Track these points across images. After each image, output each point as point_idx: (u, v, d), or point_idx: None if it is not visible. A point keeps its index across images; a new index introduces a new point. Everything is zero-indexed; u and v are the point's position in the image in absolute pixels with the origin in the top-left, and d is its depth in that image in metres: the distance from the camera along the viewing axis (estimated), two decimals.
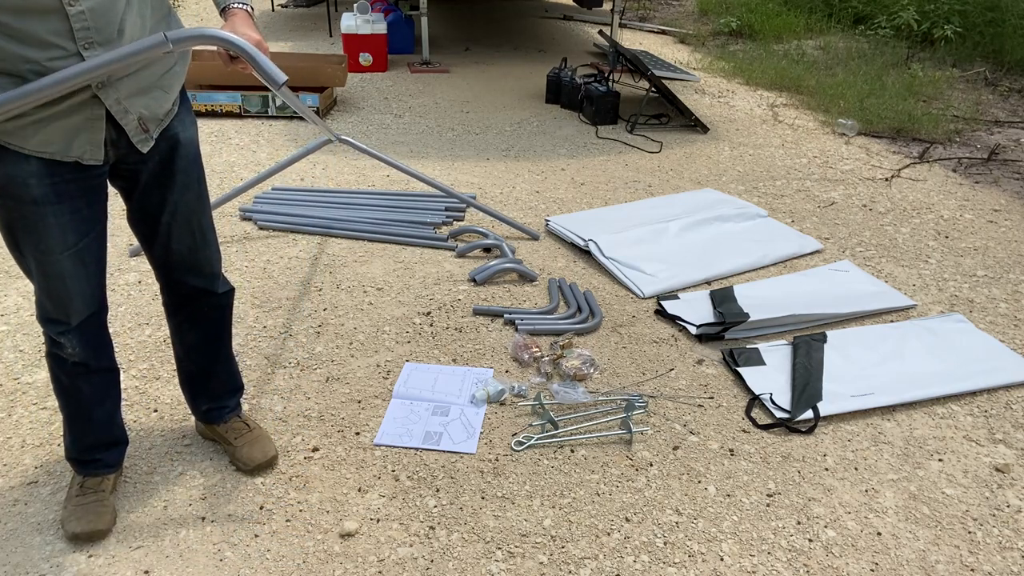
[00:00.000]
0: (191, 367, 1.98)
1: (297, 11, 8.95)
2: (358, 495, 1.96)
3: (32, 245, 1.52)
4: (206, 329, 1.93)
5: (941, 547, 1.87)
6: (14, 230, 1.52)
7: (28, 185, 1.45)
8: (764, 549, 1.85)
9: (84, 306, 1.64)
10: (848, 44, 7.59)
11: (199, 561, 1.76)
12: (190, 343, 1.94)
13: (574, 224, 3.46)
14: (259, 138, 4.58)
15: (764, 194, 4.06)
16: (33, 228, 1.50)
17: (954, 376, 2.49)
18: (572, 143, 4.79)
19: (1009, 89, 6.29)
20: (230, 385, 2.05)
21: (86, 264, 1.59)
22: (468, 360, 2.55)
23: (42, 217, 1.49)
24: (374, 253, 3.24)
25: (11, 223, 1.51)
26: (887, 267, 3.29)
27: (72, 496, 1.84)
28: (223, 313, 1.94)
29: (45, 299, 1.62)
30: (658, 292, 2.98)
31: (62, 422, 1.82)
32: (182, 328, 1.91)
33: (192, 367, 1.98)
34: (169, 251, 1.75)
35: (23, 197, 1.46)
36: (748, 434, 2.24)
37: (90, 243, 1.58)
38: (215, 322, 1.93)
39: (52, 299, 1.61)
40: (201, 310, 1.88)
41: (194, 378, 2.00)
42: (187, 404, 2.10)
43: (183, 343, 1.94)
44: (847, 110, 5.53)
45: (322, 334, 2.65)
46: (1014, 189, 4.27)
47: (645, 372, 2.51)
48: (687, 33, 8.46)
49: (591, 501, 1.97)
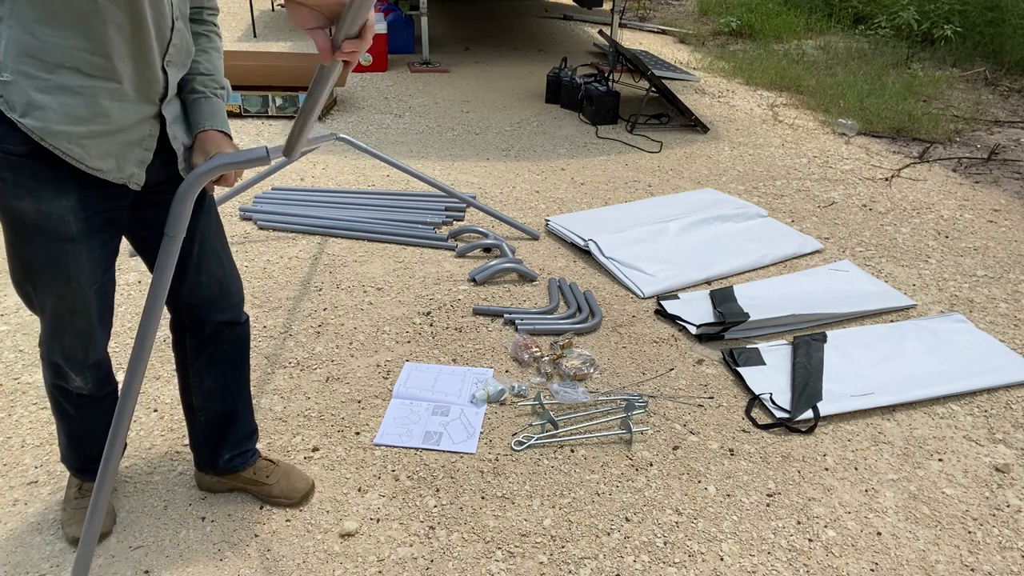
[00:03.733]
0: (211, 415, 1.81)
1: None
2: (358, 495, 1.96)
3: (59, 283, 1.43)
4: (227, 367, 1.78)
5: (941, 547, 1.87)
6: (34, 268, 1.42)
7: (66, 222, 1.37)
8: (764, 549, 1.85)
9: (103, 340, 1.58)
10: (848, 44, 7.59)
11: (199, 561, 1.75)
12: (209, 387, 1.78)
13: (574, 224, 3.46)
14: (259, 138, 4.58)
15: (764, 194, 4.06)
16: (63, 266, 1.41)
17: (954, 376, 2.49)
18: (572, 143, 4.79)
19: (1009, 89, 6.29)
20: (251, 426, 1.90)
21: (107, 296, 1.53)
22: (468, 360, 2.55)
23: (76, 255, 1.41)
24: (374, 253, 3.24)
25: (33, 260, 1.41)
26: (887, 267, 3.29)
27: (71, 499, 1.82)
28: (245, 345, 1.80)
29: (63, 337, 1.52)
30: (658, 292, 2.98)
31: (57, 431, 1.77)
32: (201, 373, 1.76)
33: (212, 414, 1.81)
34: (198, 286, 1.63)
35: (58, 234, 1.38)
36: (748, 434, 2.24)
37: (112, 275, 1.52)
38: (237, 357, 1.78)
39: (73, 336, 1.52)
40: (222, 348, 1.74)
41: (215, 426, 1.83)
42: (201, 462, 1.90)
43: (202, 389, 1.78)
44: (847, 110, 5.53)
45: (322, 334, 2.65)
46: (1014, 189, 4.27)
47: (645, 372, 2.51)
48: (687, 33, 8.46)
49: (591, 501, 1.97)
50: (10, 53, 1.24)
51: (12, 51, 1.24)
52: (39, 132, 1.28)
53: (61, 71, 1.26)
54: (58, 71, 1.26)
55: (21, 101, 1.26)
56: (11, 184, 1.32)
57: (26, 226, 1.37)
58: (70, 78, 1.27)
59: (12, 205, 1.34)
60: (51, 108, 1.27)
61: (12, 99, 1.26)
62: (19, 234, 1.39)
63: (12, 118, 1.26)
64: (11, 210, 1.35)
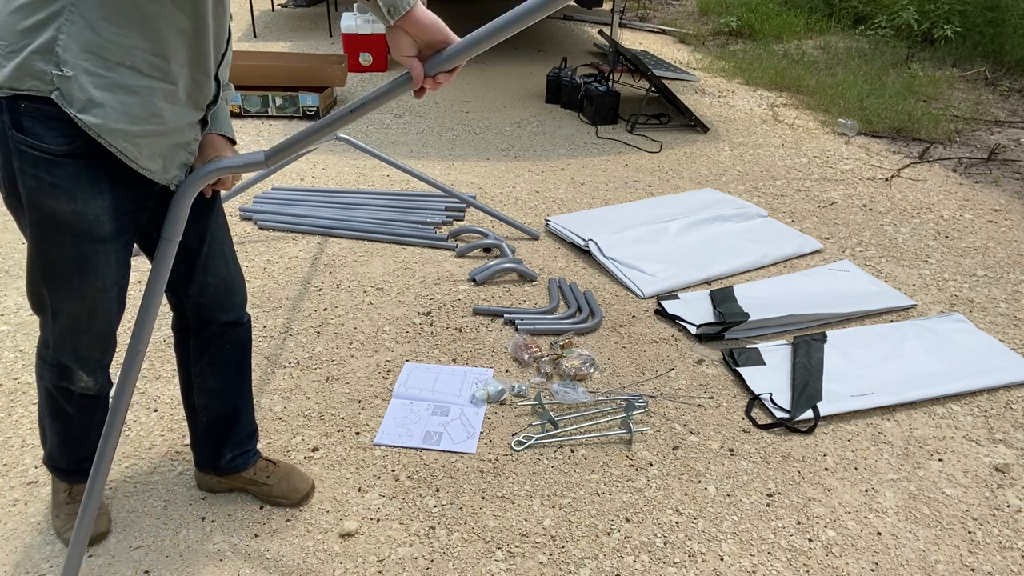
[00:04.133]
0: (212, 415, 1.82)
1: (297, 11, 8.95)
2: (358, 495, 1.96)
3: (84, 284, 1.42)
4: (230, 367, 1.78)
5: (941, 547, 1.87)
6: (58, 269, 1.40)
7: (100, 222, 1.37)
8: (764, 549, 1.85)
9: (115, 340, 1.58)
10: (848, 44, 7.59)
11: (199, 561, 1.75)
12: (212, 387, 1.78)
13: (574, 224, 3.46)
14: (259, 138, 4.58)
15: (764, 194, 4.06)
16: (91, 266, 1.41)
17: (954, 376, 2.49)
18: (572, 143, 4.79)
19: (1009, 89, 6.29)
20: (252, 425, 1.91)
21: (124, 295, 1.53)
22: (468, 360, 2.55)
23: (106, 255, 1.41)
24: (374, 253, 3.24)
25: (57, 262, 1.40)
26: (887, 267, 3.29)
27: (62, 504, 1.79)
28: (247, 346, 1.81)
29: (79, 338, 1.51)
30: (658, 292, 2.98)
31: (46, 434, 1.72)
32: (204, 373, 1.76)
33: (214, 414, 1.82)
34: (205, 286, 1.65)
35: (91, 235, 1.37)
36: (748, 434, 2.24)
37: (129, 274, 1.52)
38: (239, 358, 1.79)
39: (91, 337, 1.51)
40: (225, 348, 1.75)
41: (217, 426, 1.84)
42: (202, 462, 1.91)
43: (205, 389, 1.78)
44: (847, 110, 5.53)
45: (322, 334, 2.65)
46: (1014, 189, 4.27)
47: (645, 372, 2.51)
48: (687, 33, 8.46)
49: (591, 501, 1.97)
50: (71, 49, 1.23)
51: (74, 46, 1.23)
52: (97, 129, 1.28)
53: (121, 69, 1.27)
54: (118, 69, 1.26)
55: (81, 97, 1.25)
56: (47, 184, 1.31)
57: (58, 226, 1.36)
58: (129, 77, 1.28)
59: (47, 205, 1.33)
60: (110, 106, 1.27)
61: (72, 94, 1.25)
62: (48, 234, 1.37)
63: (69, 112, 1.25)
64: (45, 210, 1.34)
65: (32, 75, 1.24)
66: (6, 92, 1.24)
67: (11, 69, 1.24)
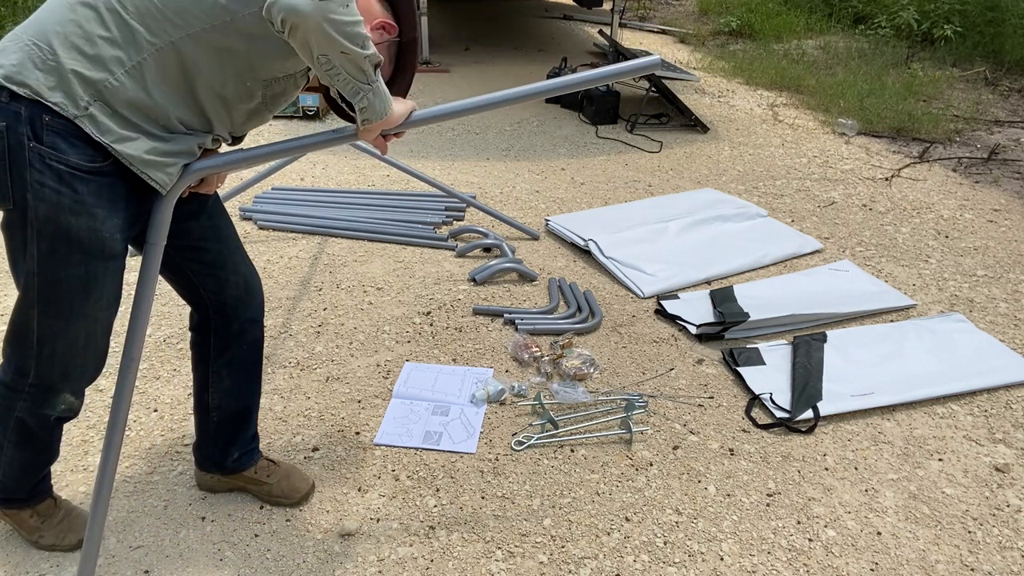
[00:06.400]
0: (225, 414, 1.81)
1: None
2: (358, 495, 1.96)
3: (87, 302, 1.40)
4: (246, 366, 1.78)
5: (941, 547, 1.87)
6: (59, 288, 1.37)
7: (114, 240, 1.37)
8: (764, 549, 1.85)
9: (107, 353, 1.55)
10: (848, 44, 7.59)
11: (199, 561, 1.75)
12: (228, 387, 1.78)
13: (574, 224, 3.46)
14: (259, 138, 4.58)
15: (764, 194, 4.06)
16: (96, 284, 1.39)
17: (954, 376, 2.49)
18: (572, 143, 4.79)
19: (1009, 89, 6.29)
20: (256, 425, 1.91)
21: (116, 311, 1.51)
22: (468, 360, 2.55)
23: (113, 272, 1.41)
24: (374, 253, 3.24)
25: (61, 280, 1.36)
26: (887, 267, 3.29)
27: (36, 527, 1.73)
28: (261, 345, 1.81)
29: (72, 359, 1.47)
30: (658, 292, 2.98)
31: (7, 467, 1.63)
32: (221, 372, 1.76)
33: (226, 413, 1.81)
34: (226, 284, 1.66)
35: (103, 253, 1.36)
36: (748, 434, 2.24)
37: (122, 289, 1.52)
38: (255, 357, 1.79)
39: (86, 357, 1.48)
40: (243, 347, 1.75)
41: (228, 425, 1.83)
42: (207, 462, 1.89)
43: (221, 388, 1.78)
44: (847, 110, 5.53)
45: (322, 334, 2.65)
46: (1014, 189, 4.27)
47: (645, 372, 2.51)
48: (687, 33, 8.46)
49: (591, 501, 1.97)
50: (116, 98, 1.28)
51: (119, 98, 1.28)
52: (128, 159, 1.31)
53: (155, 125, 1.33)
54: (152, 124, 1.33)
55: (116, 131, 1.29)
56: (69, 199, 1.29)
57: (70, 243, 1.33)
58: (162, 131, 1.35)
59: (63, 220, 1.30)
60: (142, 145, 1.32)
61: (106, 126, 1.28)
62: (58, 251, 1.33)
63: (102, 141, 1.28)
64: (60, 226, 1.31)
65: (64, 92, 1.25)
66: (28, 93, 1.23)
67: (43, 76, 1.24)
